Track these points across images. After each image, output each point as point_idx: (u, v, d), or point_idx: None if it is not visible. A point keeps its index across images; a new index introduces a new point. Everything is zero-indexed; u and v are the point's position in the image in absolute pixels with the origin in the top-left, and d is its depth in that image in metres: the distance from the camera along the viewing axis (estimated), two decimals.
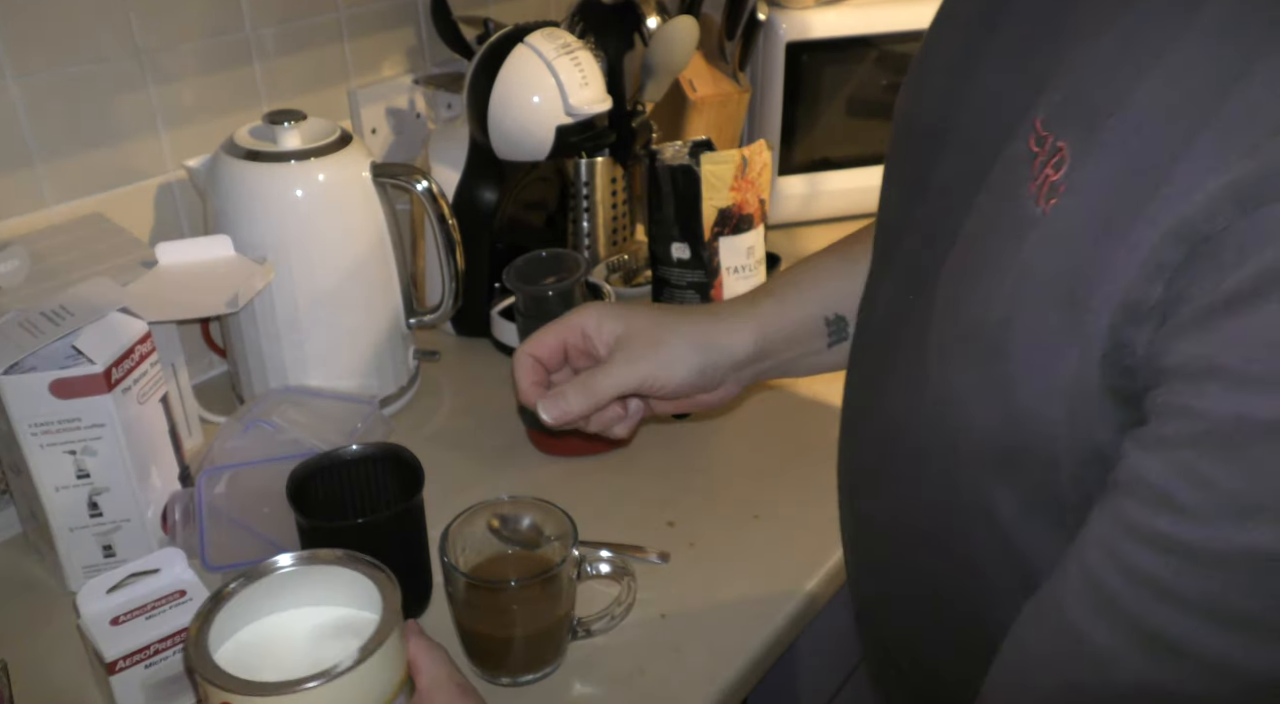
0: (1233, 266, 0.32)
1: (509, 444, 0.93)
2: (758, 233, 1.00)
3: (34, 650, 0.71)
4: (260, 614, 0.53)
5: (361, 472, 0.74)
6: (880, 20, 1.21)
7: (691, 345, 0.66)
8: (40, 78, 0.86)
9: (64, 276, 0.81)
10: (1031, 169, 0.40)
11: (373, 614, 0.51)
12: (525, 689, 0.69)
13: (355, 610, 0.53)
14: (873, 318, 0.58)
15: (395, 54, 1.14)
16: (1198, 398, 0.34)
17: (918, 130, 0.54)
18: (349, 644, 0.48)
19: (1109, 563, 0.37)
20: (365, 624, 0.50)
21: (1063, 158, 0.38)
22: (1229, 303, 0.32)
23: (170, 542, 0.77)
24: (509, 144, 0.99)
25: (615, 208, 1.17)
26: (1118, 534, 0.37)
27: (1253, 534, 0.33)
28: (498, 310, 1.07)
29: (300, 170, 0.85)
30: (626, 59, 1.11)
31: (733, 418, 0.96)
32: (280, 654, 0.51)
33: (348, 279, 0.89)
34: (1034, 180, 0.40)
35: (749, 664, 0.71)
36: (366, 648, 0.48)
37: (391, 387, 0.96)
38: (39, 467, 0.71)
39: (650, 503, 0.85)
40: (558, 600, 0.67)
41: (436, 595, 0.75)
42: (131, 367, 0.72)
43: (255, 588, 0.52)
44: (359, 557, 0.53)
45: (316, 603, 0.53)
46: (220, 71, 0.98)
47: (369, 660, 0.47)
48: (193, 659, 0.48)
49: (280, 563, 0.52)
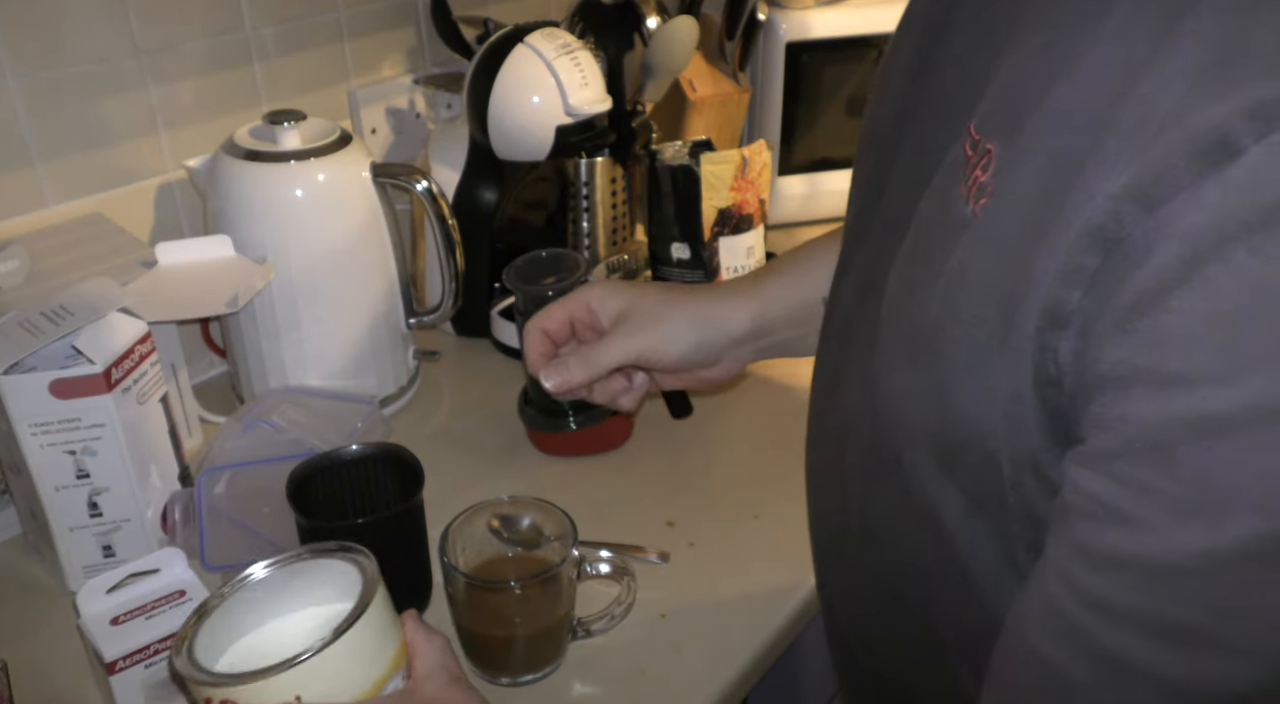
0: (1140, 268, 0.32)
1: (509, 444, 0.93)
2: (757, 233, 1.00)
3: (34, 650, 0.71)
4: (249, 627, 0.52)
5: (361, 472, 0.74)
6: (880, 20, 1.21)
7: (690, 321, 0.69)
8: (40, 78, 0.86)
9: (64, 276, 0.81)
10: (964, 171, 0.41)
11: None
12: (525, 689, 0.69)
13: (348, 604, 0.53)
14: (834, 316, 0.59)
15: (395, 54, 1.14)
16: (1124, 405, 0.34)
17: (878, 134, 0.55)
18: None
19: (1064, 588, 0.37)
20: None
21: (990, 160, 0.39)
22: (1138, 304, 0.32)
23: (170, 542, 0.77)
24: (509, 144, 0.99)
25: (615, 208, 1.17)
26: (1071, 556, 0.37)
27: (1196, 538, 0.32)
28: (498, 310, 1.07)
29: (300, 170, 0.85)
30: (626, 59, 1.11)
31: (733, 418, 0.96)
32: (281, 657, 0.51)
33: (348, 279, 0.89)
34: (965, 182, 0.40)
35: (749, 664, 0.71)
36: (348, 620, 0.47)
37: (391, 387, 0.96)
38: (39, 467, 0.71)
39: (650, 503, 0.85)
40: (558, 600, 0.67)
41: (436, 595, 0.75)
42: (131, 367, 0.72)
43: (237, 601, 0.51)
44: (327, 545, 0.53)
45: (309, 605, 0.53)
46: (220, 71, 0.98)
47: (350, 633, 0.47)
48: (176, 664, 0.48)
49: (255, 573, 0.52)
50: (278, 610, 0.53)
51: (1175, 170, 0.31)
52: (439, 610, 0.73)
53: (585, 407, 0.89)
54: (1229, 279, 0.30)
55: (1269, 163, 0.30)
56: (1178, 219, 0.31)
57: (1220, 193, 0.30)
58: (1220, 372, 0.31)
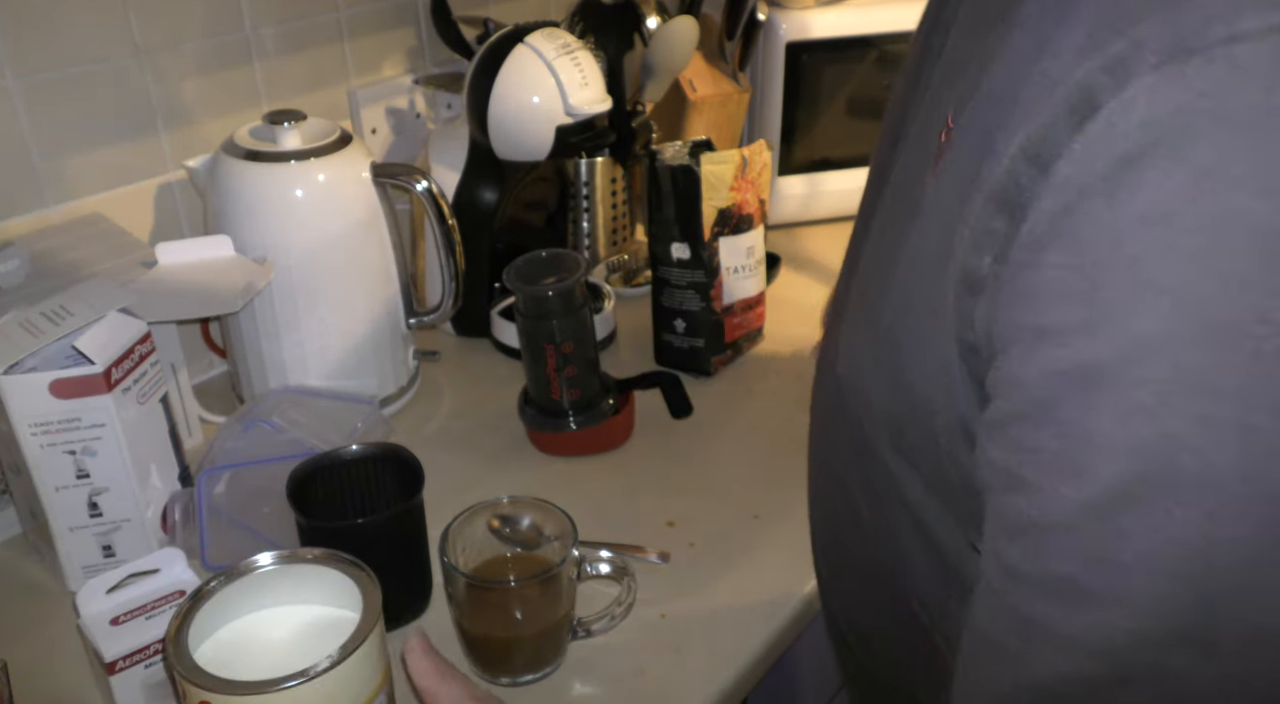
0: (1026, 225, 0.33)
1: (509, 444, 0.93)
2: (758, 233, 1.00)
3: (34, 650, 0.71)
4: (240, 613, 0.53)
5: (361, 472, 0.74)
6: (880, 20, 1.21)
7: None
8: (40, 78, 0.86)
9: (64, 277, 0.81)
10: (934, 156, 0.42)
11: (353, 613, 0.51)
12: (525, 689, 0.69)
13: (335, 609, 0.53)
14: (843, 312, 0.60)
15: (395, 54, 1.14)
16: (1012, 365, 0.34)
17: (886, 132, 0.56)
18: (329, 643, 0.48)
19: (992, 561, 0.37)
20: (346, 623, 0.50)
21: (948, 140, 0.40)
22: (1022, 263, 0.33)
23: (170, 542, 0.77)
24: (509, 144, 0.99)
25: (615, 208, 1.17)
26: (993, 530, 0.37)
27: (1077, 492, 0.33)
28: (498, 310, 1.07)
29: (300, 170, 0.85)
30: (626, 59, 1.11)
31: (733, 418, 0.96)
32: (259, 653, 0.51)
33: (348, 279, 0.89)
34: (934, 167, 0.42)
35: (749, 664, 0.71)
36: (346, 647, 0.48)
37: (391, 387, 0.96)
38: (39, 467, 0.71)
39: (650, 503, 0.85)
40: (558, 601, 0.67)
41: (436, 595, 0.75)
42: (131, 367, 0.72)
43: (235, 587, 0.52)
44: (340, 555, 0.53)
45: (297, 602, 0.54)
46: (220, 71, 0.98)
47: (349, 660, 0.47)
48: (171, 657, 0.48)
49: (260, 562, 0.53)
50: (263, 603, 0.53)
51: (1057, 128, 0.32)
52: (439, 610, 0.73)
53: (585, 406, 0.90)
54: (1089, 229, 0.31)
55: (1122, 115, 0.30)
56: (1056, 175, 0.32)
57: (1085, 146, 0.31)
58: (1087, 322, 0.31)
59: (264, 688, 0.46)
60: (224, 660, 0.49)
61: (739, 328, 1.03)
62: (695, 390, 0.98)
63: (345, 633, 0.49)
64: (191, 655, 0.48)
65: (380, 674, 0.51)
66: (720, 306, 1.00)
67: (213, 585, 0.51)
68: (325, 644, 0.48)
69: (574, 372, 0.88)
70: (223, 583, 0.51)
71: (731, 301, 1.01)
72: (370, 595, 0.51)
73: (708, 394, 0.99)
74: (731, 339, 1.02)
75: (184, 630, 0.49)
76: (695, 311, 1.00)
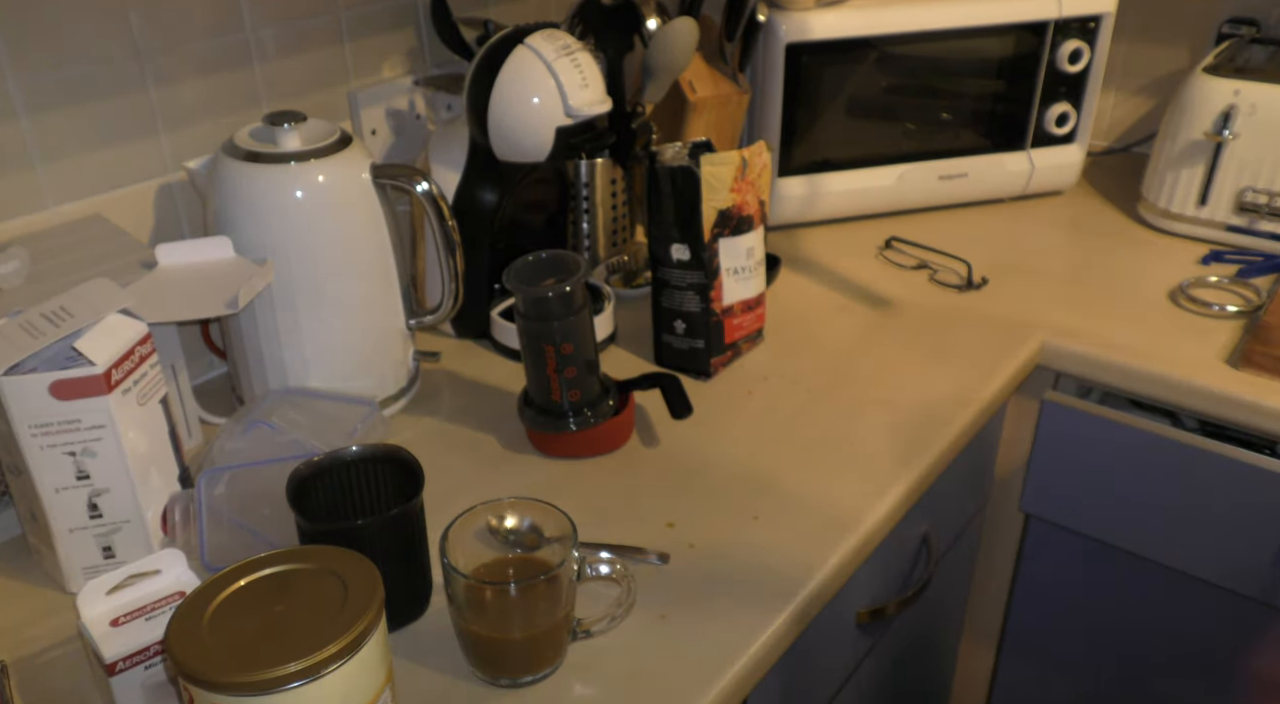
0: None
1: (509, 444, 0.93)
2: (757, 234, 1.00)
3: (34, 651, 0.71)
4: None
5: (362, 473, 0.74)
6: (880, 22, 1.22)
7: None
8: (40, 78, 0.86)
9: (64, 277, 0.81)
10: None
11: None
12: (525, 690, 0.69)
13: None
14: None
15: (395, 55, 1.14)
16: None
17: None
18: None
19: None
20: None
21: None
22: None
23: (170, 543, 0.77)
24: (509, 145, 0.99)
25: (615, 209, 1.17)
26: None
27: None
28: (498, 311, 1.07)
29: (300, 171, 0.85)
30: (626, 60, 1.12)
31: (733, 418, 0.96)
32: None
33: (348, 280, 0.89)
34: None
35: (749, 664, 0.71)
36: (350, 646, 0.48)
37: (391, 387, 0.96)
38: (39, 468, 0.71)
39: (650, 504, 0.85)
40: (558, 602, 0.67)
41: (436, 596, 0.75)
42: (131, 368, 0.72)
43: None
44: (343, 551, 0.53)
45: None
46: (220, 72, 0.98)
47: (353, 659, 0.47)
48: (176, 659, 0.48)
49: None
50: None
51: None
52: (439, 610, 0.73)
53: (585, 407, 0.90)
54: None
55: None
56: None
57: None
58: None
59: (269, 688, 0.46)
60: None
61: (739, 329, 1.03)
62: (695, 391, 0.98)
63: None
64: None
65: (384, 673, 0.51)
66: (720, 308, 1.00)
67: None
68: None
69: (574, 372, 0.88)
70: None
71: (731, 303, 1.01)
72: (373, 594, 0.51)
73: (708, 395, 0.99)
74: (731, 340, 1.03)
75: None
76: (695, 312, 1.00)
